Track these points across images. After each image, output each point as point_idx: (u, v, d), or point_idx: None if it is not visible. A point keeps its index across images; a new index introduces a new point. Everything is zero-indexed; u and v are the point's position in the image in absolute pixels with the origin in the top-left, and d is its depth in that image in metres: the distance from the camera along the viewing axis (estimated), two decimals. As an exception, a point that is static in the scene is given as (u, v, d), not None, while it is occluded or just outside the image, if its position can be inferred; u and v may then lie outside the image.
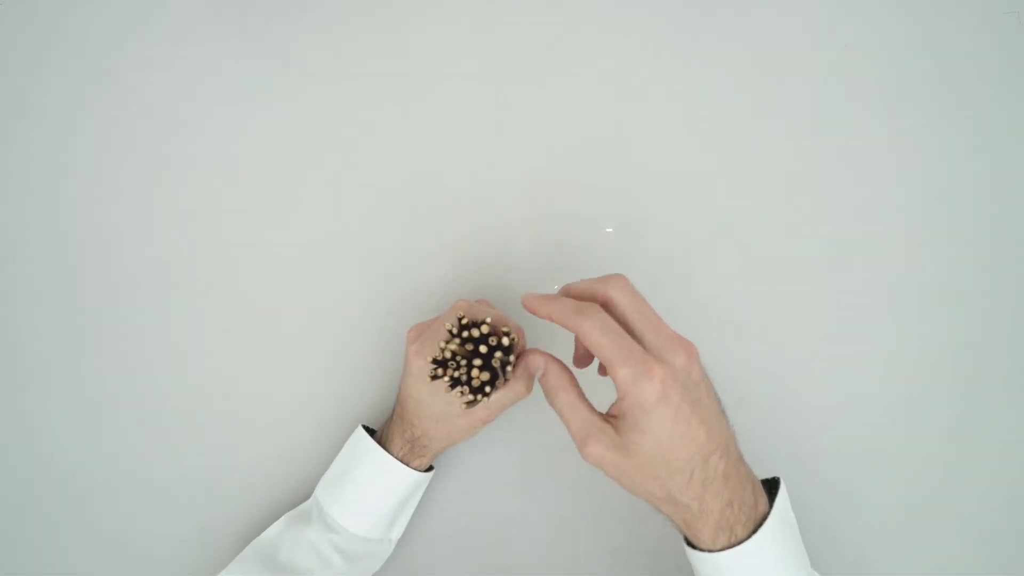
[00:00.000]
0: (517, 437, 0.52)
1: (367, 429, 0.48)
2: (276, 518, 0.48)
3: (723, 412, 0.35)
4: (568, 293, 0.37)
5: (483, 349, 0.39)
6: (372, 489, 0.46)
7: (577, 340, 0.40)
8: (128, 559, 0.52)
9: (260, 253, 0.54)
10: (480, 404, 0.42)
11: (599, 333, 0.33)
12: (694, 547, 0.35)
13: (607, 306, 0.35)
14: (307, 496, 0.49)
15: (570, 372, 0.37)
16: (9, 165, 0.54)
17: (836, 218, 0.53)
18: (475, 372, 0.39)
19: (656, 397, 0.31)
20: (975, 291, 0.52)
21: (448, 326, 0.41)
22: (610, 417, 0.34)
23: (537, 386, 0.46)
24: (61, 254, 0.54)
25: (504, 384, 0.43)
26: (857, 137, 0.54)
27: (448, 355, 0.40)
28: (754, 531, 0.34)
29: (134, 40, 0.55)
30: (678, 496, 0.33)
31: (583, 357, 0.41)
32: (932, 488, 0.51)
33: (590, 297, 0.36)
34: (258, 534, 0.47)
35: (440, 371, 0.41)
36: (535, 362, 0.37)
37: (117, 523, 0.52)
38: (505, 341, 0.40)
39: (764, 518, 0.34)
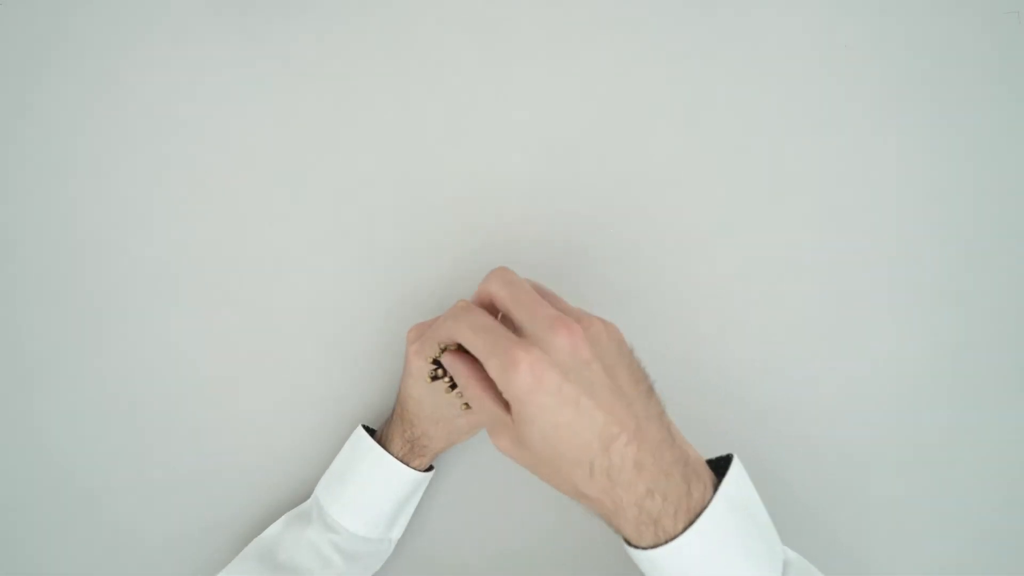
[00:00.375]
0: (517, 437, 0.52)
1: (367, 429, 0.48)
2: (276, 518, 0.48)
3: (646, 391, 0.31)
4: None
5: None
6: (372, 489, 0.46)
7: None
8: (128, 559, 0.52)
9: (260, 253, 0.54)
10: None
11: (470, 332, 0.31)
12: (629, 543, 0.32)
13: (494, 304, 0.34)
14: (307, 496, 0.49)
15: (475, 363, 0.34)
16: (9, 165, 0.54)
17: (836, 218, 0.53)
18: None
19: (528, 385, 0.29)
20: (975, 291, 0.52)
21: None
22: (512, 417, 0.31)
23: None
24: (61, 254, 0.54)
25: None
26: (857, 137, 0.54)
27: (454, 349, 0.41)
28: (691, 523, 0.30)
29: (134, 40, 0.55)
30: (585, 491, 0.30)
31: None
32: (932, 488, 0.51)
33: (477, 301, 0.35)
34: (258, 534, 0.47)
35: (440, 371, 0.41)
36: (445, 362, 0.36)
37: (117, 523, 0.52)
38: None
39: (706, 506, 0.30)
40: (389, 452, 0.46)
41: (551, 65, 0.55)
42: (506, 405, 0.32)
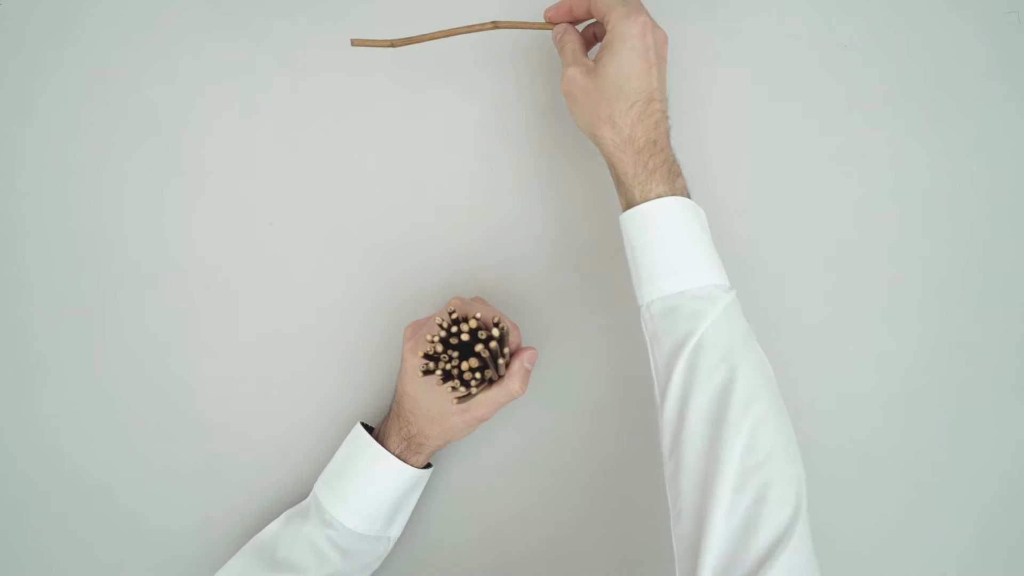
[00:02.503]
0: (515, 436, 0.52)
1: (365, 427, 0.48)
2: (276, 516, 0.48)
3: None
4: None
5: (477, 347, 0.40)
6: (370, 485, 0.46)
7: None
8: (129, 556, 0.52)
9: (260, 253, 0.54)
10: (473, 401, 0.43)
11: None
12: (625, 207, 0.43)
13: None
14: (307, 494, 0.49)
15: (582, 37, 0.47)
16: (9, 165, 0.54)
17: (836, 218, 0.53)
18: (464, 364, 0.41)
19: (638, 31, 0.41)
20: (975, 291, 0.52)
21: (438, 321, 0.42)
22: (594, 61, 0.43)
23: (531, 385, 0.46)
24: (61, 254, 0.54)
25: (499, 381, 0.44)
26: (857, 137, 0.54)
27: (440, 348, 0.42)
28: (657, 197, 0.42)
29: (134, 40, 0.55)
30: (617, 118, 0.41)
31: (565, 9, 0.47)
32: (932, 488, 0.51)
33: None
34: (257, 531, 0.48)
35: (431, 366, 0.42)
36: (557, 32, 0.47)
37: (118, 521, 0.52)
38: (495, 332, 0.41)
39: (673, 195, 0.42)
40: (387, 449, 0.46)
41: (551, 64, 0.55)
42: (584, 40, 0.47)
